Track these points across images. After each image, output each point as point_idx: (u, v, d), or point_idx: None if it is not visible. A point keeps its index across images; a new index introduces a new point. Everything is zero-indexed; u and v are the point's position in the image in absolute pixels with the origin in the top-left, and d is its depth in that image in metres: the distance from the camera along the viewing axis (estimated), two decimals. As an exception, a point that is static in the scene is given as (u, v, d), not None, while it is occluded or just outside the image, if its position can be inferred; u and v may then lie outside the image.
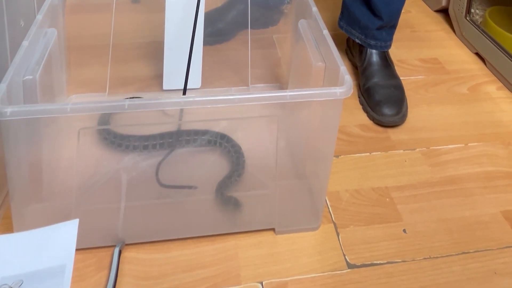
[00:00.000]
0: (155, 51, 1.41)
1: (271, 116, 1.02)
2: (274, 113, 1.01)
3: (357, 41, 1.49)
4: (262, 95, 0.92)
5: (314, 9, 1.16)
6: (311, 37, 1.15)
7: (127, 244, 0.97)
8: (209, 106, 0.92)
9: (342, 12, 1.54)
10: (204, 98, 0.90)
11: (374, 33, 1.47)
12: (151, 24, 1.43)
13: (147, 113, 0.92)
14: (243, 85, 1.40)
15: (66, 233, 0.77)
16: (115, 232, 0.97)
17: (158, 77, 1.36)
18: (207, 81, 1.37)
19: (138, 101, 0.88)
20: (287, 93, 0.92)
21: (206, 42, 1.35)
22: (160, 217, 1.00)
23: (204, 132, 1.12)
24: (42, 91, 1.03)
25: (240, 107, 0.96)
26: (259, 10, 1.47)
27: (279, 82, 1.43)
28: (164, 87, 1.33)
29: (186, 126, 1.10)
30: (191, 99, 0.90)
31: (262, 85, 1.41)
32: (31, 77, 0.98)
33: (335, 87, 0.94)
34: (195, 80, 1.35)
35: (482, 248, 1.05)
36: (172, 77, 1.33)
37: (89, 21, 1.37)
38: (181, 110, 1.04)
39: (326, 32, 1.08)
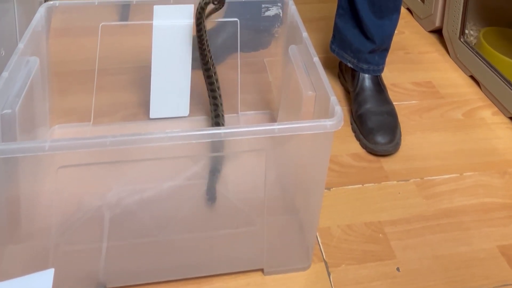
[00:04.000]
0: (142, 77, 1.37)
1: (259, 150, 0.99)
2: (262, 146, 0.97)
3: (349, 65, 1.46)
4: (250, 129, 0.89)
5: (305, 34, 1.12)
6: (301, 64, 1.12)
7: (108, 288, 0.94)
8: (194, 142, 0.89)
9: (334, 36, 1.51)
10: (189, 133, 0.87)
11: (367, 56, 1.44)
12: (138, 48, 1.39)
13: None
14: (233, 112, 1.37)
15: (41, 283, 0.73)
16: (96, 275, 0.92)
17: (144, 105, 1.32)
18: (195, 108, 1.34)
19: (120, 137, 0.85)
20: (275, 126, 0.89)
21: (195, 66, 1.32)
22: (144, 258, 0.96)
23: None
24: (21, 124, 0.99)
25: (227, 141, 0.92)
26: (249, 33, 1.44)
27: (269, 109, 1.40)
28: (151, 116, 1.30)
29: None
30: (175, 134, 0.86)
31: (252, 112, 1.38)
32: (10, 111, 0.95)
33: (325, 119, 0.90)
34: (183, 108, 1.31)
35: (478, 287, 1.01)
36: (159, 105, 1.30)
37: (74, 45, 1.34)
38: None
39: (316, 59, 1.04)
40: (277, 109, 1.33)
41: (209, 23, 1.52)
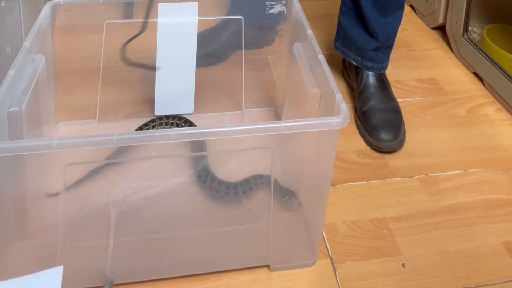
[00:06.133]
0: (146, 74, 1.37)
1: (265, 148, 0.99)
2: (268, 143, 0.98)
3: (354, 62, 1.46)
4: (255, 126, 0.89)
5: (309, 32, 1.12)
6: (306, 62, 1.12)
7: (115, 284, 0.94)
8: (201, 139, 0.89)
9: (337, 33, 1.51)
10: (196, 131, 0.87)
11: (371, 54, 1.44)
12: (143, 46, 1.40)
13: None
14: (237, 109, 1.37)
15: (50, 281, 0.73)
16: (103, 272, 0.93)
17: (149, 102, 1.33)
18: (200, 104, 1.34)
19: (127, 135, 0.85)
20: (282, 124, 0.89)
21: (199, 64, 1.32)
22: (151, 255, 0.97)
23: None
24: (28, 121, 1.00)
25: (233, 139, 0.92)
26: (253, 30, 1.44)
27: (274, 106, 1.40)
28: (156, 113, 1.30)
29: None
30: (182, 132, 0.86)
31: (256, 109, 1.38)
32: (16, 108, 0.95)
33: (331, 117, 0.90)
34: (187, 105, 1.31)
35: (483, 282, 1.01)
36: (164, 102, 1.30)
37: (79, 43, 1.34)
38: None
39: (321, 56, 1.05)
40: (281, 106, 1.34)
41: (214, 21, 1.53)
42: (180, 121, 1.29)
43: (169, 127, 1.30)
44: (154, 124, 1.28)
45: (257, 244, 1.00)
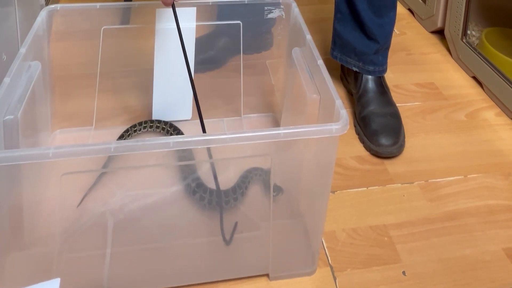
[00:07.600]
0: (144, 80, 1.36)
1: (264, 155, 0.98)
2: (267, 149, 0.97)
3: (355, 69, 1.45)
4: (255, 134, 0.88)
5: (308, 37, 1.12)
6: (305, 67, 1.11)
7: (113, 295, 0.93)
8: (199, 147, 0.88)
9: (334, 42, 1.50)
10: (195, 139, 0.86)
11: (372, 58, 1.43)
12: (140, 51, 1.39)
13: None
14: (236, 115, 1.36)
15: (47, 293, 0.72)
16: (100, 282, 0.92)
17: (147, 108, 1.32)
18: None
19: (124, 143, 0.84)
20: (281, 131, 0.88)
21: (197, 70, 1.31)
22: (148, 264, 0.95)
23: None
24: (24, 129, 0.99)
25: (232, 146, 0.92)
26: (251, 35, 1.44)
27: (272, 111, 1.39)
28: (154, 119, 1.29)
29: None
30: (180, 139, 0.85)
31: (255, 115, 1.38)
32: (12, 116, 0.94)
33: (330, 123, 0.89)
34: (185, 111, 1.31)
35: (485, 290, 1.01)
36: (162, 109, 1.29)
37: (76, 48, 1.33)
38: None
39: (320, 62, 1.04)
40: (280, 112, 1.33)
41: (212, 26, 1.52)
42: (166, 125, 1.28)
43: (154, 131, 1.29)
44: (135, 129, 1.27)
45: (256, 252, 0.99)
